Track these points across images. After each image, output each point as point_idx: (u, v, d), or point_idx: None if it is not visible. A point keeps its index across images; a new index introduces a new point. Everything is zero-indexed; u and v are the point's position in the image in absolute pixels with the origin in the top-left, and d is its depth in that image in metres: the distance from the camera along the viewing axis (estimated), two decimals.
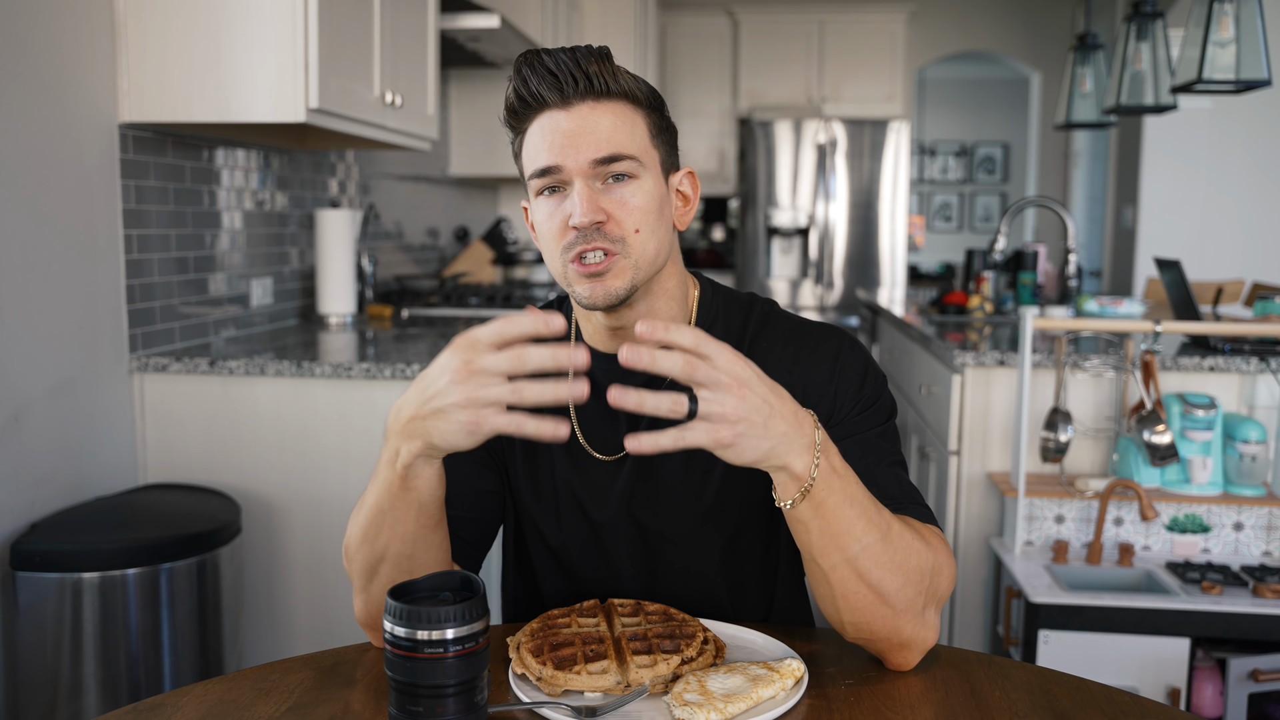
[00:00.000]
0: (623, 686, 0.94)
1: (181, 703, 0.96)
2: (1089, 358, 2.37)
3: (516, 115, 1.08)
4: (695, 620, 1.04)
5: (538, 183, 1.06)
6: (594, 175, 1.04)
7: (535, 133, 1.06)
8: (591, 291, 1.05)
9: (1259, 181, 5.34)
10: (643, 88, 1.08)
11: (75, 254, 2.08)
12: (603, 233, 1.04)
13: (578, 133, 1.04)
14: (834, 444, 0.95)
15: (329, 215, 2.93)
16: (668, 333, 0.85)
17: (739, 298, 1.20)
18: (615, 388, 0.85)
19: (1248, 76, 2.65)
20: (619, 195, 1.05)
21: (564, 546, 1.18)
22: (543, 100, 1.05)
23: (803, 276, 5.67)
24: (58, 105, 2.02)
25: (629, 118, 1.06)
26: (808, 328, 1.17)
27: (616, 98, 1.06)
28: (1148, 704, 0.97)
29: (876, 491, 1.01)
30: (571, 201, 1.04)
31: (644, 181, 1.06)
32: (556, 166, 1.04)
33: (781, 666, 0.96)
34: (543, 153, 1.05)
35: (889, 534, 0.96)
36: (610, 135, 1.04)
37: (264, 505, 2.24)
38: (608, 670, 0.95)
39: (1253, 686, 1.98)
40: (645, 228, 1.06)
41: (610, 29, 4.91)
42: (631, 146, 1.05)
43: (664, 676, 0.95)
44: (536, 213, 1.08)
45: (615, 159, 1.04)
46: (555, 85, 1.04)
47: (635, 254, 1.05)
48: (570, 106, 1.04)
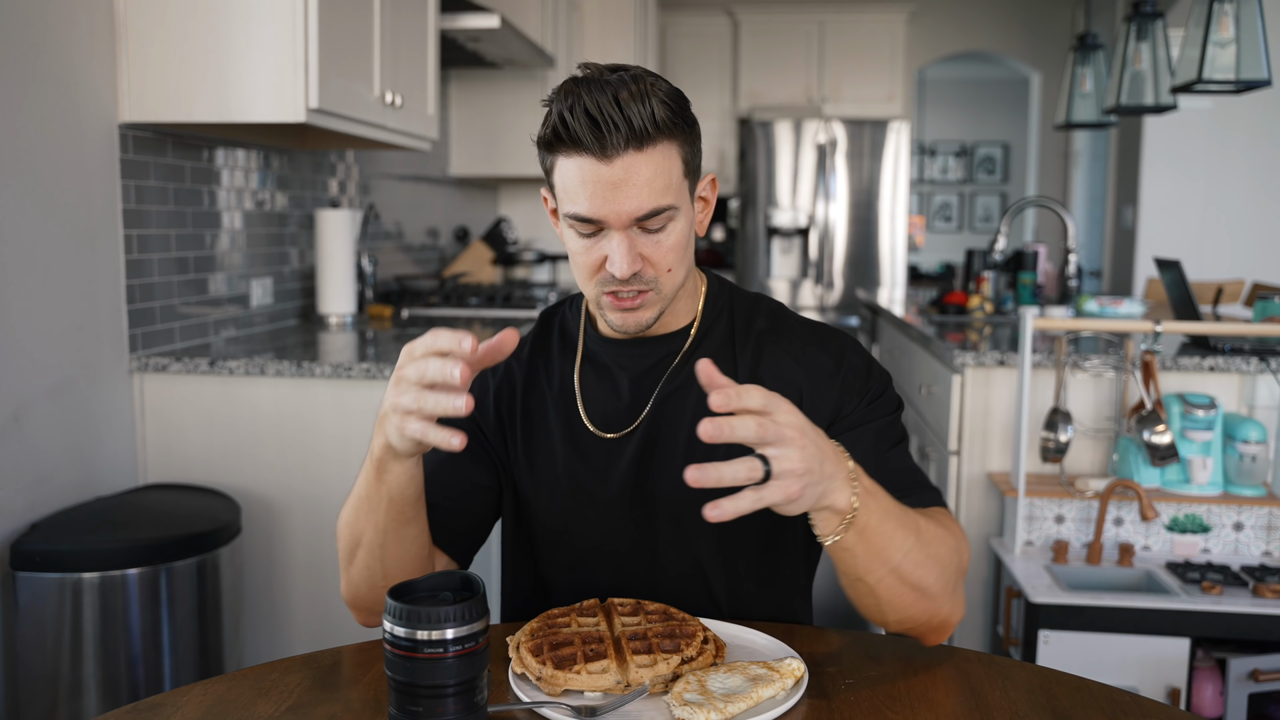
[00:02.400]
0: (623, 686, 0.94)
1: (181, 703, 0.96)
2: (1089, 358, 2.37)
3: (551, 147, 1.07)
4: (695, 620, 1.04)
5: (575, 224, 1.07)
6: (633, 225, 1.06)
7: (572, 171, 1.05)
8: (624, 321, 1.11)
9: (1259, 181, 5.34)
10: (673, 105, 1.06)
11: (75, 254, 2.08)
12: (639, 276, 1.08)
13: (619, 185, 1.03)
14: (860, 467, 0.96)
15: (329, 215, 2.93)
16: (740, 399, 0.86)
17: (746, 295, 1.24)
18: (694, 469, 0.85)
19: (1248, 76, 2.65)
20: (655, 239, 1.08)
21: (566, 528, 1.19)
22: (581, 143, 1.03)
23: (803, 276, 5.67)
24: (58, 105, 2.02)
25: (667, 159, 1.05)
26: (813, 326, 1.21)
27: (657, 138, 1.04)
28: (1148, 704, 0.97)
29: (890, 478, 1.04)
30: (611, 249, 1.06)
31: (678, 221, 1.09)
32: (599, 219, 1.05)
33: (782, 666, 0.96)
34: (583, 199, 1.05)
35: (921, 534, 1.00)
36: (650, 187, 1.04)
37: (264, 505, 2.24)
38: (608, 670, 0.95)
39: (1253, 686, 1.98)
40: (677, 264, 1.10)
41: (610, 29, 4.91)
42: (669, 194, 1.06)
43: (664, 676, 0.95)
44: (569, 240, 1.10)
45: (656, 213, 1.06)
46: (596, 133, 1.02)
47: (666, 290, 1.11)
48: (611, 159, 1.03)
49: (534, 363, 1.23)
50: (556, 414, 1.20)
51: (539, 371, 1.23)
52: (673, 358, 1.18)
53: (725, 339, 1.20)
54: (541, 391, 1.22)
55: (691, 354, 1.18)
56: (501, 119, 4.30)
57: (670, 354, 1.18)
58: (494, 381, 1.23)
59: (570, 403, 1.20)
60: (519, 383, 1.22)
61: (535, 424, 1.21)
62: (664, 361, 1.18)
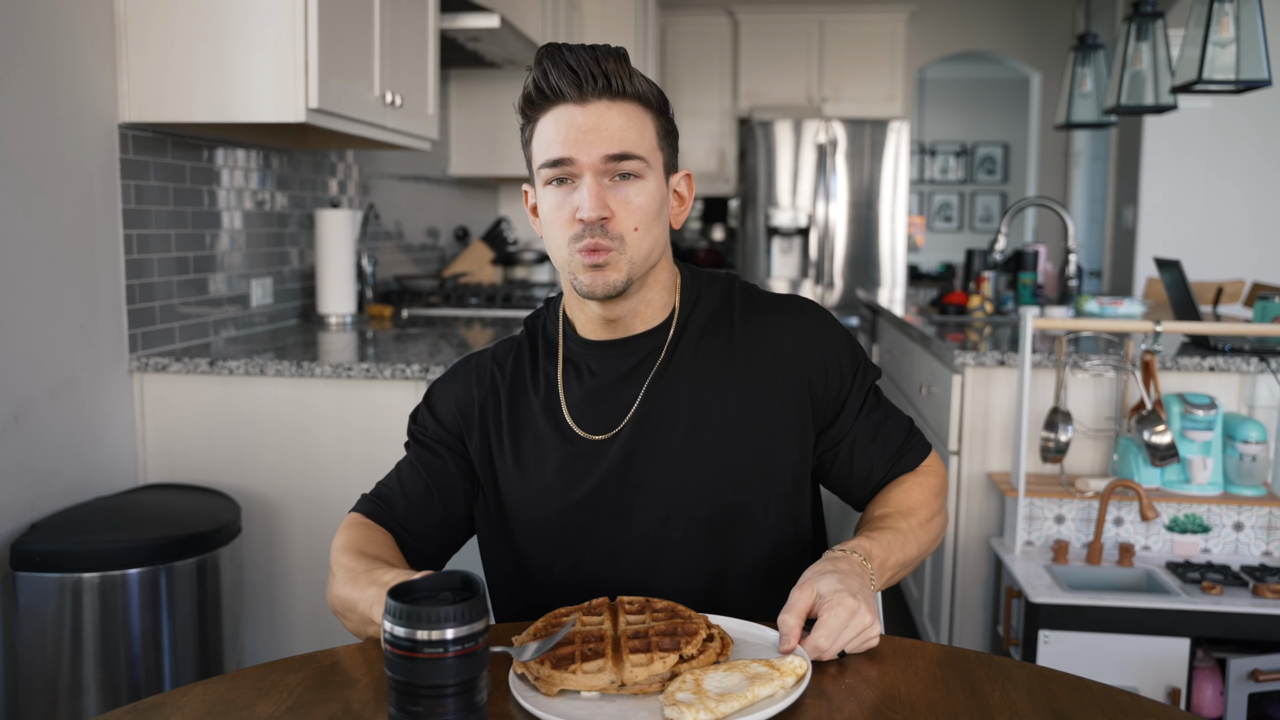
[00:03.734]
0: (617, 686, 0.94)
1: (181, 703, 0.96)
2: (1089, 358, 2.37)
3: (533, 105, 1.13)
4: (701, 617, 1.03)
5: (548, 172, 1.12)
6: (603, 171, 1.10)
7: (549, 124, 1.11)
8: (592, 281, 1.12)
9: (1259, 181, 5.34)
10: (654, 91, 1.14)
11: (75, 254, 2.08)
12: (604, 229, 1.10)
13: (592, 129, 1.09)
14: (868, 542, 1.14)
15: (329, 215, 2.93)
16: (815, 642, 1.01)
17: (715, 277, 1.27)
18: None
19: (1248, 76, 2.65)
20: (624, 194, 1.11)
21: (557, 532, 1.20)
22: (560, 94, 1.10)
23: (803, 276, 5.67)
24: (58, 105, 2.03)
25: (640, 119, 1.12)
26: (784, 299, 1.25)
27: (630, 99, 1.12)
28: (1148, 704, 0.97)
29: (886, 449, 1.24)
30: (580, 195, 1.10)
31: (648, 182, 1.13)
32: (569, 159, 1.10)
33: (784, 664, 0.95)
34: (556, 144, 1.10)
35: (918, 537, 1.20)
36: (622, 134, 1.10)
37: (264, 505, 2.24)
38: (603, 669, 0.94)
39: (1253, 686, 1.98)
40: (643, 226, 1.12)
41: (610, 29, 4.91)
42: (641, 147, 1.11)
43: (660, 675, 0.95)
44: (544, 202, 1.14)
45: (625, 157, 1.10)
46: (574, 81, 1.09)
47: (631, 250, 1.12)
48: (586, 103, 1.10)
49: (519, 369, 1.24)
50: (544, 419, 1.20)
51: (524, 378, 1.23)
52: (657, 354, 1.19)
53: (707, 328, 1.21)
54: (528, 397, 1.22)
55: (674, 349, 1.19)
56: (501, 119, 4.30)
57: (655, 349, 1.19)
58: (479, 393, 1.23)
59: (555, 407, 1.20)
60: (504, 392, 1.23)
61: (522, 431, 1.21)
62: (649, 359, 1.19)
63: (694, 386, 1.18)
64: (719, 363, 1.19)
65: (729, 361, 1.19)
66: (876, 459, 1.25)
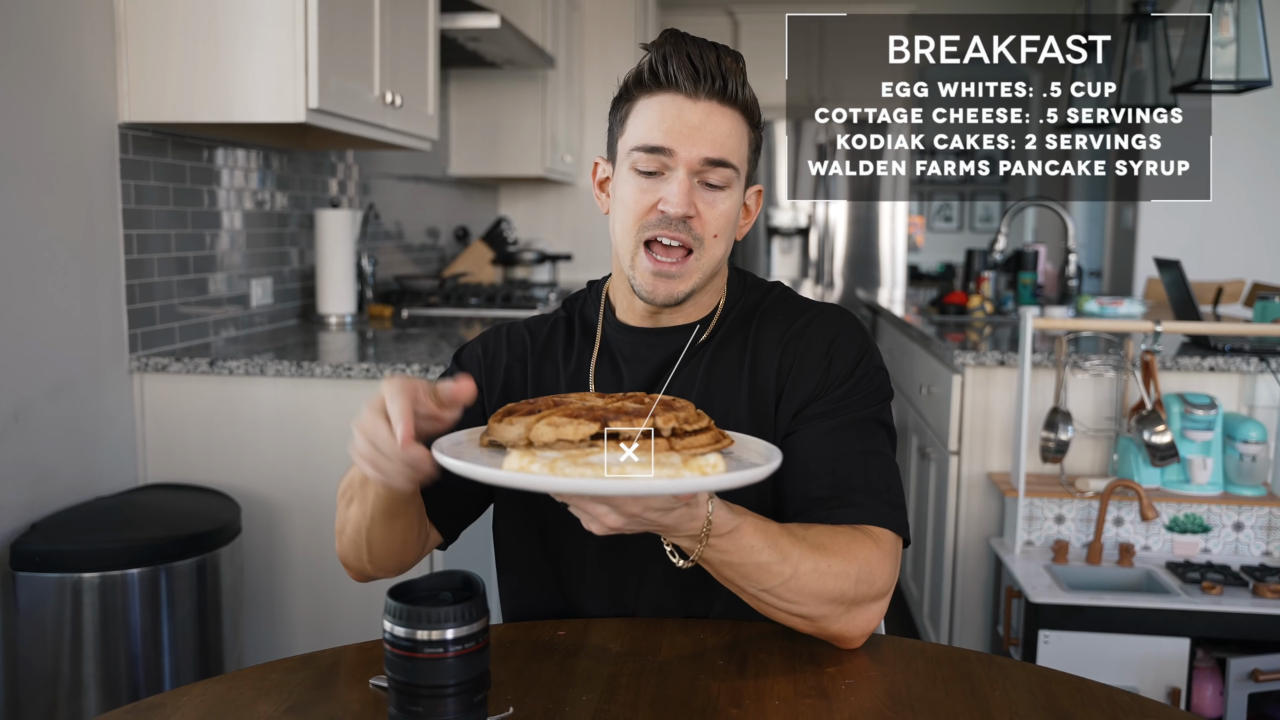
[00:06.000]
0: (524, 442, 0.89)
1: (181, 702, 0.96)
2: (1089, 358, 2.37)
3: (642, 85, 1.12)
4: (702, 419, 0.93)
5: (641, 156, 1.10)
6: (697, 171, 1.10)
7: (653, 108, 1.10)
8: (654, 288, 1.12)
9: (1259, 181, 5.33)
10: (756, 105, 1.15)
11: (75, 254, 2.08)
12: (688, 227, 1.10)
13: (699, 127, 1.09)
14: (737, 519, 0.98)
15: (329, 215, 2.93)
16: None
17: (760, 283, 1.26)
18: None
19: (1248, 76, 2.65)
20: (711, 198, 1.11)
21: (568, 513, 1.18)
22: (675, 82, 1.10)
23: (803, 276, 5.67)
24: (58, 105, 2.02)
25: (740, 129, 1.13)
26: (815, 309, 1.20)
27: (738, 107, 1.12)
28: (1148, 704, 0.97)
29: (837, 481, 1.07)
30: (670, 189, 1.09)
31: (734, 192, 1.13)
32: (669, 149, 1.09)
33: (696, 463, 0.86)
34: (658, 131, 1.09)
35: (798, 572, 1.00)
36: (725, 140, 1.10)
37: (264, 505, 2.24)
38: (514, 424, 0.91)
39: (1253, 686, 1.98)
40: (722, 234, 1.13)
41: (610, 29, 4.91)
42: (736, 156, 1.12)
43: (569, 438, 0.88)
44: (625, 184, 1.12)
45: (721, 164, 1.10)
46: (691, 74, 1.09)
47: (706, 257, 1.12)
48: (698, 99, 1.09)
49: (551, 341, 1.24)
50: (567, 391, 1.21)
51: (556, 350, 1.23)
52: (684, 348, 1.19)
53: (731, 332, 1.20)
54: (555, 369, 1.22)
55: (700, 347, 1.19)
56: (501, 119, 4.30)
57: (684, 344, 1.19)
58: (508, 357, 1.23)
59: (582, 385, 1.20)
60: (532, 359, 1.23)
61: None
62: (676, 353, 1.19)
63: (705, 386, 1.17)
64: (731, 366, 1.18)
65: (738, 366, 1.18)
66: (816, 479, 1.09)
